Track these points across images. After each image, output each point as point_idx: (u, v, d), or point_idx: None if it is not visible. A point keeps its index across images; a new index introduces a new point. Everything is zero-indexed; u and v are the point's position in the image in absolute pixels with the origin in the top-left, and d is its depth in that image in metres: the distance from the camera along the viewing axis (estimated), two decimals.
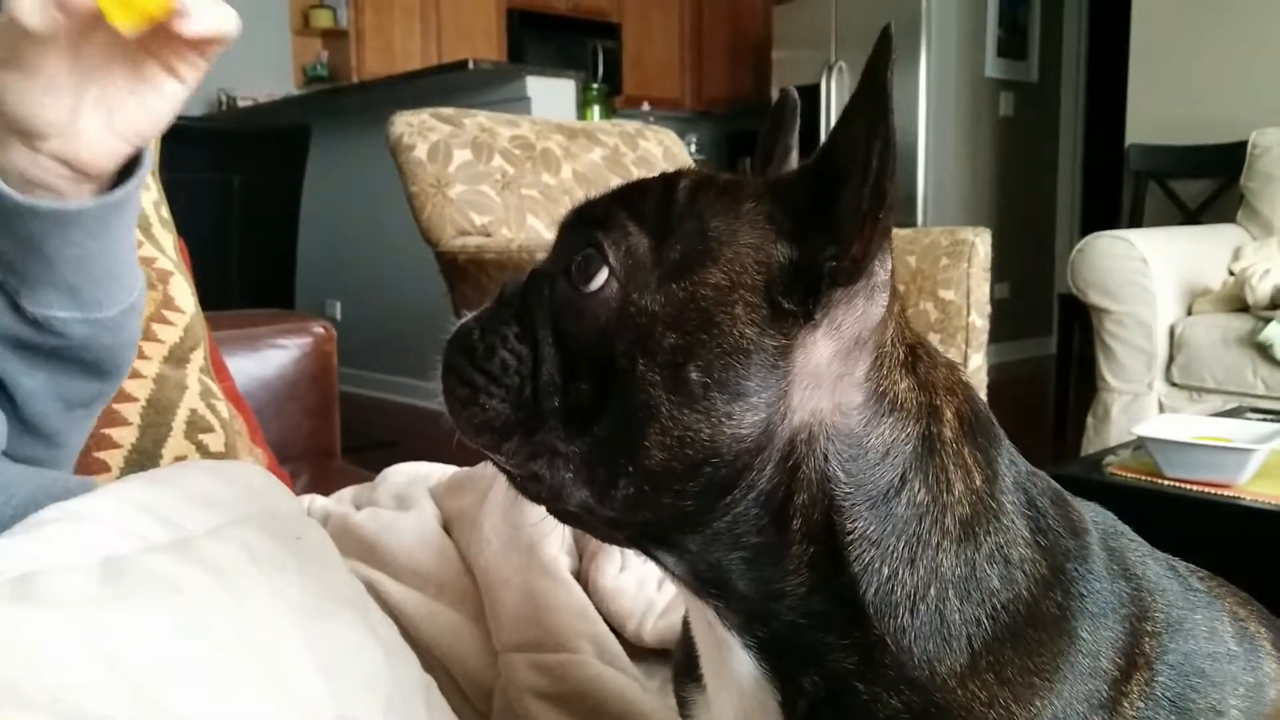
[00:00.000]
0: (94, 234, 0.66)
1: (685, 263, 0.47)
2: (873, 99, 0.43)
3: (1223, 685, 0.50)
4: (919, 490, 0.46)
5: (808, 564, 0.47)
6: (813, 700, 0.47)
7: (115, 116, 0.64)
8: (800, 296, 0.46)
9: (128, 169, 0.67)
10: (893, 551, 0.46)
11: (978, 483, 0.47)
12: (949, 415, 0.48)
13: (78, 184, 0.65)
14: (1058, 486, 0.52)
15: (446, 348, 0.52)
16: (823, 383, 0.46)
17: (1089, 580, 0.47)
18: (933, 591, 0.45)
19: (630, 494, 0.47)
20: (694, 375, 0.45)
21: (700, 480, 0.46)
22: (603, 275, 0.48)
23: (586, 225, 0.50)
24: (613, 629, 0.76)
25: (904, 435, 0.47)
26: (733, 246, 0.47)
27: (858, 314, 0.47)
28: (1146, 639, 0.48)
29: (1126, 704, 0.46)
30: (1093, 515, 0.53)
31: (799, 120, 0.59)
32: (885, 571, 0.46)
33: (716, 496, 0.47)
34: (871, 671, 0.46)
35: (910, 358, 0.49)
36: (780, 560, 0.47)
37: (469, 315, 0.53)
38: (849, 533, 0.46)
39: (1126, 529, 0.54)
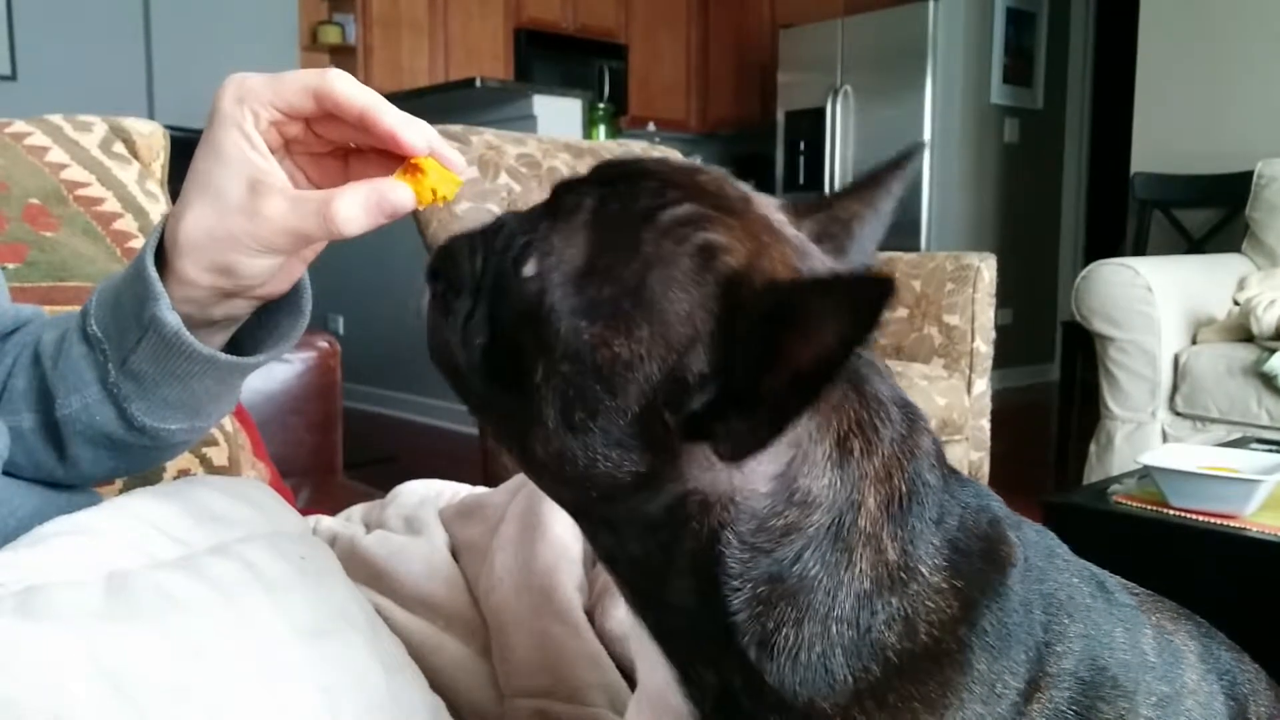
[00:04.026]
0: (248, 374, 0.65)
1: (603, 309, 0.45)
2: (858, 326, 0.39)
3: (1134, 694, 0.50)
4: (814, 568, 0.46)
5: (691, 594, 0.47)
6: (715, 696, 0.49)
7: (313, 249, 0.62)
8: (689, 418, 0.44)
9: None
10: (778, 613, 0.46)
11: (890, 558, 0.47)
12: (870, 504, 0.47)
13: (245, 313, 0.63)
14: (998, 518, 0.51)
15: (438, 250, 0.54)
16: (719, 470, 0.45)
17: (997, 614, 0.48)
18: (819, 648, 0.46)
19: (523, 463, 0.49)
20: (579, 413, 0.45)
21: (580, 490, 0.48)
22: (531, 268, 0.48)
23: (546, 211, 0.50)
24: (623, 670, 0.74)
25: (809, 522, 0.46)
26: (657, 328, 0.45)
27: None
28: (1054, 660, 0.49)
29: None
30: (1035, 537, 0.53)
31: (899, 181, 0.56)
32: (769, 626, 0.46)
33: (600, 504, 0.48)
34: (754, 693, 0.47)
35: (839, 452, 0.47)
36: (665, 580, 0.48)
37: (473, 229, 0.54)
38: (733, 589, 0.46)
39: (1063, 551, 0.54)
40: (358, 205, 0.54)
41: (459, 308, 0.51)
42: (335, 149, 0.61)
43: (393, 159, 0.59)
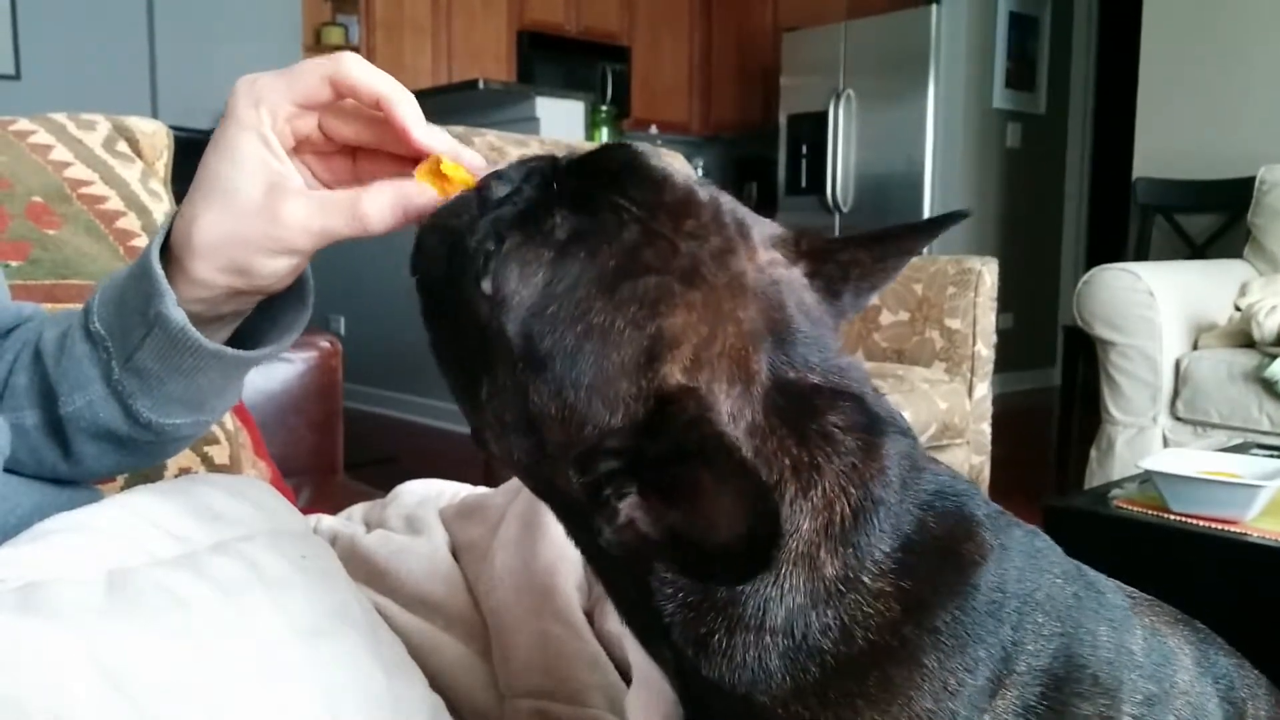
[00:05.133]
0: (253, 367, 0.65)
1: (536, 359, 0.46)
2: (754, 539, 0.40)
3: (1116, 692, 0.50)
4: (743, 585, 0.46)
5: (633, 591, 0.49)
6: (676, 673, 0.50)
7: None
8: (595, 483, 0.45)
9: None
10: (710, 620, 0.47)
11: (828, 573, 0.47)
12: (805, 528, 0.47)
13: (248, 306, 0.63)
14: (969, 518, 0.51)
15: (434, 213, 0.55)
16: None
17: (953, 612, 0.47)
18: (753, 653, 0.46)
19: (482, 451, 0.51)
20: (513, 434, 0.48)
21: (534, 479, 0.50)
22: (487, 286, 0.48)
23: (519, 220, 0.49)
24: (622, 672, 0.74)
25: None
26: (581, 401, 0.45)
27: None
28: (1025, 658, 0.48)
29: (989, 718, 0.47)
30: (1021, 536, 0.52)
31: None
32: (701, 631, 0.47)
33: (554, 496, 0.50)
34: (698, 678, 0.48)
35: (778, 489, 0.47)
36: (614, 575, 0.50)
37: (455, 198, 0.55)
38: (665, 595, 0.47)
39: (1050, 551, 0.54)
40: (385, 206, 0.55)
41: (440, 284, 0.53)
42: (343, 148, 0.61)
43: (401, 158, 0.59)
